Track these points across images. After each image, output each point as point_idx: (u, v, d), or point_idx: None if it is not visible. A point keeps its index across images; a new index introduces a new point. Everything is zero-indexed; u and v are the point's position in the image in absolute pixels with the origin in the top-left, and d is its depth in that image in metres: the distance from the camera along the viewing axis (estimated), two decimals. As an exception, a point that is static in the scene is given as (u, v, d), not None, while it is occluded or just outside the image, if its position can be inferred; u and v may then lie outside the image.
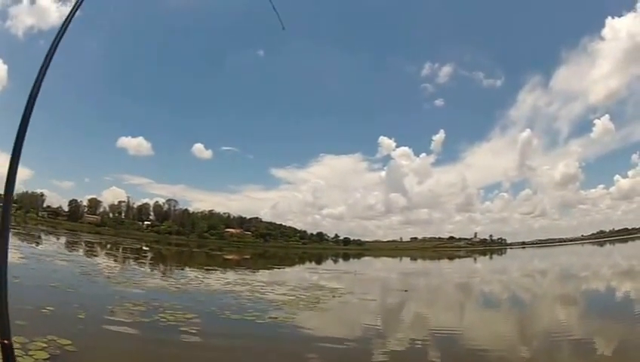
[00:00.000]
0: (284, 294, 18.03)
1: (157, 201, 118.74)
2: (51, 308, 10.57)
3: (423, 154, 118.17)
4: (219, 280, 23.36)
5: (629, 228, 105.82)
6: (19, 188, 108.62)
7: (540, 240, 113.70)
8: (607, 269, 36.04)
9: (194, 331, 10.01)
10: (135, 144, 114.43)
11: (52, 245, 39.76)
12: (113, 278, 18.67)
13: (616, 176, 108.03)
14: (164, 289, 16.85)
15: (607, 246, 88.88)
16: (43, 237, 51.50)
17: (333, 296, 18.33)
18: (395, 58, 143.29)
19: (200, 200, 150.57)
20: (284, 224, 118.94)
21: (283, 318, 12.46)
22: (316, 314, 14.01)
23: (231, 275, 27.45)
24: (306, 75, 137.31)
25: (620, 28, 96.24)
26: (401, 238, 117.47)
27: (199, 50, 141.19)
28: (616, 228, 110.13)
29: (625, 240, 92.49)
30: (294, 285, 22.66)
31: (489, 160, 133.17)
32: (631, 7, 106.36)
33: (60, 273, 18.41)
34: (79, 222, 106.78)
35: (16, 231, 55.07)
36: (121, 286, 16.58)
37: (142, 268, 28.05)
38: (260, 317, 12.21)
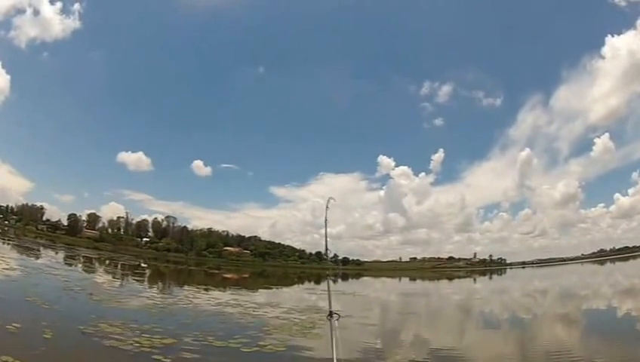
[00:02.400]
0: (278, 317, 17.18)
1: (156, 218, 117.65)
2: (18, 325, 10.05)
3: (422, 174, 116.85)
4: (210, 300, 22.47)
5: (630, 246, 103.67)
6: (19, 200, 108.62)
7: (540, 259, 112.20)
8: (608, 288, 35.66)
9: (167, 361, 9.32)
10: (135, 159, 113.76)
11: (45, 258, 38.90)
12: (96, 295, 17.99)
13: (617, 195, 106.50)
14: (148, 309, 16.08)
15: (608, 264, 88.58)
16: (37, 249, 50.76)
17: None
18: (394, 77, 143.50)
19: (199, 218, 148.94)
20: (282, 243, 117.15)
21: (272, 346, 11.49)
22: (310, 341, 12.89)
23: (224, 295, 26.68)
24: (306, 94, 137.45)
25: (620, 46, 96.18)
26: (400, 258, 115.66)
27: (200, 67, 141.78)
28: (616, 247, 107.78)
29: (626, 259, 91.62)
30: (289, 307, 21.64)
31: (488, 179, 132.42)
32: (631, 25, 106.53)
33: (41, 287, 17.80)
34: (78, 237, 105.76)
35: (12, 243, 54.80)
36: (103, 303, 16.01)
37: (130, 285, 27.13)
38: (247, 345, 11.35)
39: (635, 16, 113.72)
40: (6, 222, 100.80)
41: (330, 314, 4.98)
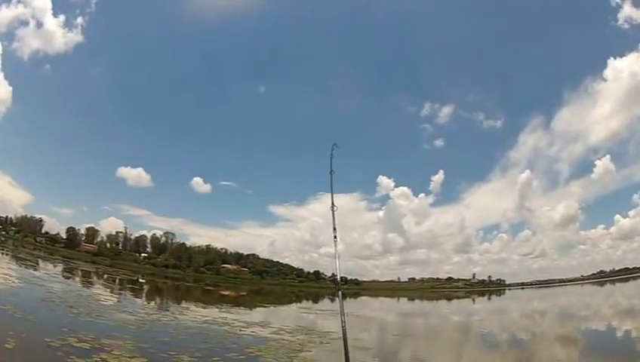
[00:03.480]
0: (266, 338, 16.31)
1: (154, 234, 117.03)
2: (-20, 334, 9.57)
3: (422, 195, 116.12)
4: (197, 317, 21.49)
5: (630, 267, 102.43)
6: (18, 211, 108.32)
7: (539, 280, 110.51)
8: (608, 309, 35.05)
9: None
10: (134, 175, 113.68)
11: (36, 269, 38.17)
12: (76, 308, 17.36)
13: (617, 216, 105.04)
14: (127, 325, 15.25)
15: (608, 286, 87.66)
16: (32, 261, 50.10)
17: (321, 342, 16.13)
18: (394, 98, 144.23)
19: (198, 235, 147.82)
20: (281, 261, 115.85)
21: None
22: None
23: (214, 312, 25.81)
24: (306, 113, 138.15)
25: (621, 68, 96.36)
26: (398, 278, 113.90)
27: (201, 83, 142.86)
28: (616, 268, 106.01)
29: (626, 280, 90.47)
30: (279, 327, 20.56)
31: (488, 201, 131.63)
32: (634, 48, 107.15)
33: (19, 296, 17.22)
34: (76, 250, 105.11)
35: (8, 254, 54.32)
36: (81, 316, 15.41)
37: (116, 299, 26.29)
38: None
39: (637, 38, 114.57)
40: (4, 233, 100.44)
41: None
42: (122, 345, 11.37)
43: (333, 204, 5.89)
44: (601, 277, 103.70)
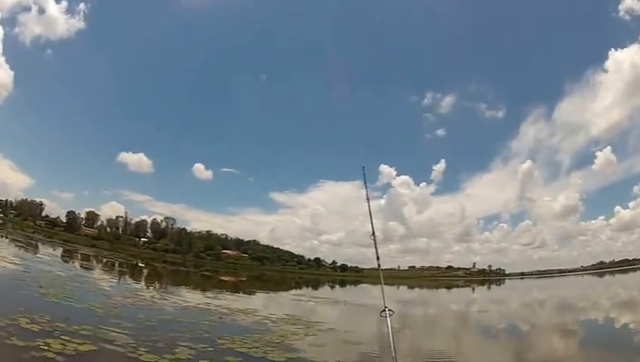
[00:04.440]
0: (246, 327, 15.00)
1: (155, 219, 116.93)
2: None
3: (423, 184, 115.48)
4: (177, 303, 20.26)
5: (630, 258, 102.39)
6: (18, 195, 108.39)
7: (539, 271, 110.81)
8: (606, 300, 34.60)
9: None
10: (136, 160, 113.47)
11: (26, 251, 37.38)
12: (47, 288, 16.38)
13: (617, 208, 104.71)
14: (95, 308, 14.12)
15: (607, 277, 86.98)
16: (25, 243, 49.46)
17: (306, 334, 14.74)
18: (396, 87, 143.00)
19: (199, 221, 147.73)
20: (281, 248, 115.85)
21: None
22: None
23: (198, 298, 24.69)
24: (308, 102, 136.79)
25: (622, 59, 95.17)
26: (399, 266, 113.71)
27: (204, 71, 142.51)
28: (616, 259, 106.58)
29: (625, 271, 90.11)
30: (266, 315, 19.29)
31: (489, 191, 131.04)
32: (634, 39, 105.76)
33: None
34: (76, 234, 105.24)
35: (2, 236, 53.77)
36: (47, 297, 14.39)
37: (100, 281, 25.13)
38: None
39: (638, 29, 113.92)
40: (2, 216, 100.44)
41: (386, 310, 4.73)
42: (77, 330, 10.30)
43: (373, 231, 5.62)
44: (601, 268, 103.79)
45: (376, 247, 5.70)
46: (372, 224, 5.78)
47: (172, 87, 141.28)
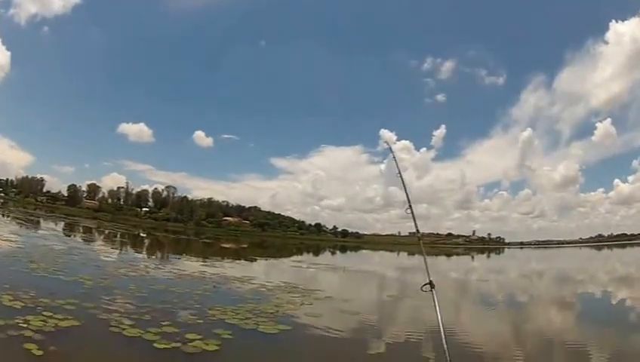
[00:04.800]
0: (240, 296, 14.40)
1: (156, 188, 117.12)
2: None
3: (424, 149, 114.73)
4: (172, 272, 19.83)
5: (628, 233, 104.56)
6: (19, 173, 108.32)
7: (538, 241, 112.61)
8: (604, 274, 34.84)
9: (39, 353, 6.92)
10: (136, 130, 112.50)
11: (23, 227, 37.29)
12: (38, 262, 16.02)
13: (617, 181, 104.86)
14: (84, 280, 13.66)
15: (605, 250, 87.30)
16: (25, 219, 49.43)
17: (302, 304, 14.04)
18: (397, 52, 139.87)
19: (200, 188, 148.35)
20: (282, 214, 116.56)
21: (200, 344, 8.31)
22: (252, 338, 9.57)
23: (195, 266, 24.22)
24: (308, 67, 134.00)
25: (623, 32, 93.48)
26: (399, 232, 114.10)
27: (201, 38, 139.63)
28: (614, 233, 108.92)
29: (623, 246, 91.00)
30: (262, 282, 18.72)
31: (489, 158, 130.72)
32: (635, 12, 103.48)
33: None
34: (77, 207, 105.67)
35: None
36: (37, 272, 13.93)
37: (94, 253, 24.45)
38: (168, 338, 8.40)
39: (639, 3, 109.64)
40: (2, 195, 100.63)
41: (430, 284, 4.56)
42: (60, 304, 9.92)
43: (409, 203, 5.27)
44: (599, 242, 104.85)
45: (414, 219, 5.35)
46: (408, 197, 5.35)
47: (170, 56, 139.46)
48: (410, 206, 5.31)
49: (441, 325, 4.11)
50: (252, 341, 9.47)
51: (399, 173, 5.51)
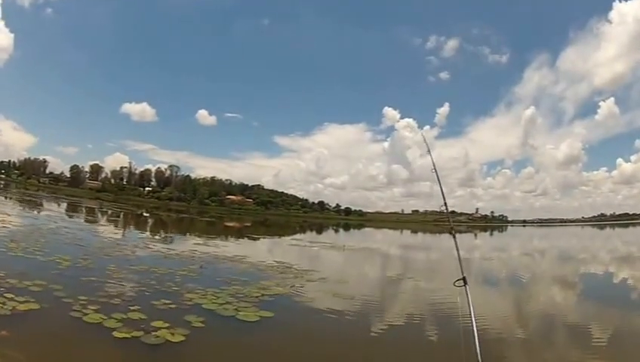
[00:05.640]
0: (226, 278, 13.32)
1: (159, 167, 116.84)
2: None
3: (427, 127, 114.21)
4: (160, 251, 19.09)
5: (630, 213, 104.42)
6: (22, 154, 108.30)
7: (540, 219, 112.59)
8: (606, 254, 34.54)
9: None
10: (139, 110, 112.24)
11: (18, 208, 36.60)
12: (18, 241, 15.38)
13: (619, 160, 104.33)
14: (62, 260, 12.95)
15: (607, 229, 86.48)
16: (25, 200, 49.00)
17: (292, 286, 13.18)
18: (400, 30, 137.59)
19: (203, 167, 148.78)
20: (285, 192, 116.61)
21: (170, 333, 7.46)
22: (226, 328, 8.65)
23: (188, 245, 23.64)
24: (311, 45, 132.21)
25: (627, 12, 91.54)
26: (402, 210, 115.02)
27: (204, 17, 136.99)
28: (617, 213, 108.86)
29: (625, 225, 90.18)
30: (254, 262, 17.85)
31: (493, 136, 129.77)
32: None
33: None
34: (80, 188, 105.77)
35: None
36: (13, 252, 13.28)
37: (83, 232, 23.70)
38: (131, 325, 7.59)
39: None
40: (4, 177, 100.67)
41: (463, 280, 4.10)
42: (27, 286, 9.20)
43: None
44: (602, 221, 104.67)
45: (449, 219, 5.18)
46: (443, 195, 5.21)
47: (174, 35, 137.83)
48: (445, 204, 5.15)
49: (474, 323, 3.81)
50: (225, 331, 8.55)
51: (434, 169, 5.32)
